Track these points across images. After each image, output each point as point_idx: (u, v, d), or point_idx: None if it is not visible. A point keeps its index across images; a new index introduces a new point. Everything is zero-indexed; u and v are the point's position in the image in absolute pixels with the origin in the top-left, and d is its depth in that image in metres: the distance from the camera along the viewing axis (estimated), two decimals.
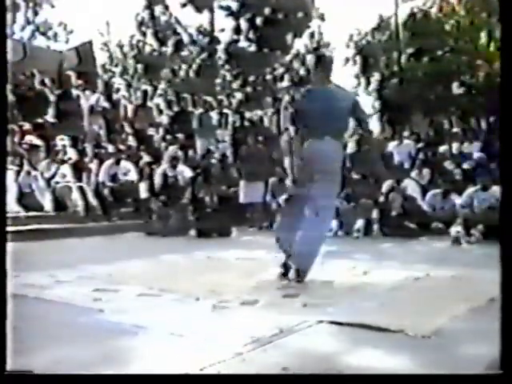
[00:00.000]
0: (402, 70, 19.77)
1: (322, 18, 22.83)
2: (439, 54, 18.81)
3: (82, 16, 43.36)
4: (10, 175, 10.25)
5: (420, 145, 12.74)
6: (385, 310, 3.87)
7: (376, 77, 20.35)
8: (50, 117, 13.18)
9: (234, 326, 3.51)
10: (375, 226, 9.46)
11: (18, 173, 10.51)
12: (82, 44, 18.55)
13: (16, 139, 12.01)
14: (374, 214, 9.54)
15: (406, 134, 13.76)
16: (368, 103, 20.61)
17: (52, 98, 13.64)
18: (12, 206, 9.95)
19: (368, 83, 20.66)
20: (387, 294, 4.55)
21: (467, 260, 6.67)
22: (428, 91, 18.05)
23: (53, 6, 24.68)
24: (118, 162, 11.33)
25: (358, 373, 2.64)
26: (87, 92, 14.11)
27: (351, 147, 11.34)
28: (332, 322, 3.52)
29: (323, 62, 5.30)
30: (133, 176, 11.22)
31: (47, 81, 14.03)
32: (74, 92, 14.07)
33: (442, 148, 12.62)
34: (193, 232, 9.56)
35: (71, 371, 2.61)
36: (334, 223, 9.13)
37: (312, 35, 23.07)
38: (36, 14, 24.28)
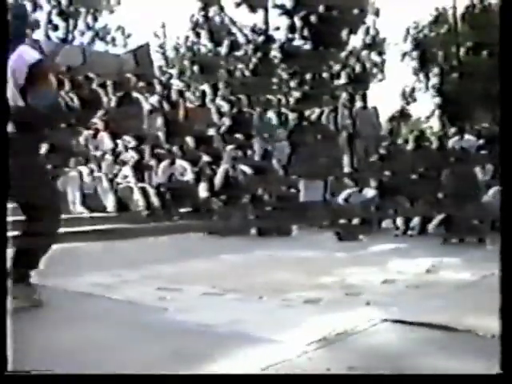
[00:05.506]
0: (462, 64, 19.36)
1: (376, 13, 22.59)
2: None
3: (139, 20, 44.06)
4: (75, 176, 10.50)
5: (481, 141, 12.44)
6: (451, 309, 3.81)
7: (435, 71, 20.02)
8: (111, 119, 13.36)
9: (298, 325, 3.52)
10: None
11: (82, 174, 10.72)
12: (139, 47, 18.86)
13: (88, 133, 12.09)
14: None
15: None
16: (427, 99, 20.33)
17: (113, 100, 13.88)
18: (76, 207, 10.18)
19: (427, 78, 20.34)
20: (453, 292, 4.48)
21: None
22: (490, 85, 17.59)
23: (112, 12, 25.19)
24: (173, 162, 11.40)
25: (424, 373, 2.61)
26: (146, 94, 14.31)
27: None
28: (396, 321, 3.49)
29: None
30: (189, 176, 11.28)
31: (109, 83, 14.27)
32: (134, 94, 14.27)
33: None
34: (253, 231, 9.61)
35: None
36: (400, 221, 9.13)
37: (367, 31, 22.84)
38: (96, 19, 24.80)
